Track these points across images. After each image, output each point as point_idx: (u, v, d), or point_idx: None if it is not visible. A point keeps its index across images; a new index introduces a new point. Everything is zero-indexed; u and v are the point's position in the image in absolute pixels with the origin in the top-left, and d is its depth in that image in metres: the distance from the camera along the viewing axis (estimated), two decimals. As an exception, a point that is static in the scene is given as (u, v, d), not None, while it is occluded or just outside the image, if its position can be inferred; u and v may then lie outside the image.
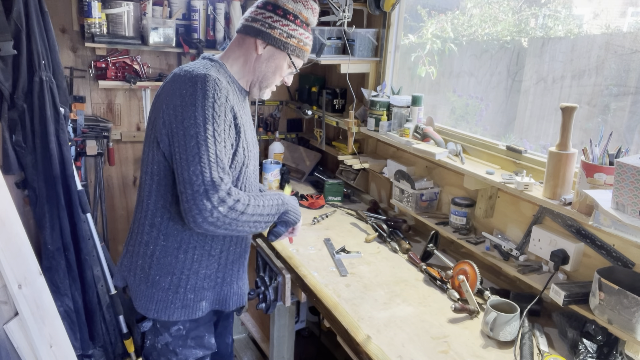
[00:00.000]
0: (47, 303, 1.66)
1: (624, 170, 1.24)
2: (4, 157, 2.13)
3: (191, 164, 1.23)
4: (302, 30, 1.44)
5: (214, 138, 1.25)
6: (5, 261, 1.46)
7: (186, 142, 1.24)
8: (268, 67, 1.45)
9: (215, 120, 1.26)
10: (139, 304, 1.45)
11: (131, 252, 1.48)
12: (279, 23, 1.39)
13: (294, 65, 1.47)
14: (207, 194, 1.22)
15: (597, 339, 1.41)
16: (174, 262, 1.41)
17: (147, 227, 1.41)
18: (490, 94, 2.35)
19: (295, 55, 1.45)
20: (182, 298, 1.43)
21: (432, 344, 1.46)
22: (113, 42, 2.50)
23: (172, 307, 1.43)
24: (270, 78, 1.47)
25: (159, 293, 1.42)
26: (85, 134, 2.59)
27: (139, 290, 1.45)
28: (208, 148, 1.23)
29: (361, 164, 2.53)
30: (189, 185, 1.23)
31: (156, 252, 1.41)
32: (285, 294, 1.90)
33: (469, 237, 1.96)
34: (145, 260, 1.43)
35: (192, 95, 1.25)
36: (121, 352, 2.57)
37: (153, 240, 1.41)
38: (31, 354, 1.55)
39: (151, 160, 1.36)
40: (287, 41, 1.41)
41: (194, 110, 1.24)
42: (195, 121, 1.24)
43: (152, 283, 1.42)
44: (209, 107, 1.25)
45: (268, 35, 1.40)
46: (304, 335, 2.82)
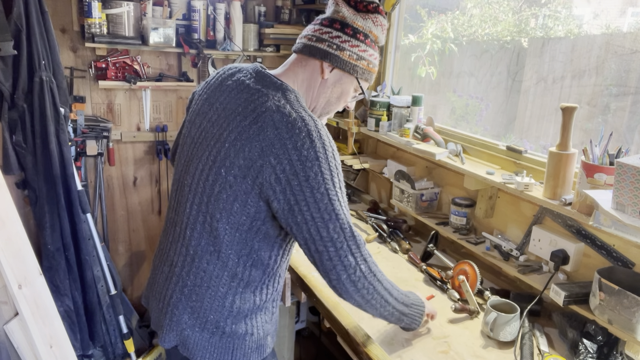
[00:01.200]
0: (47, 303, 1.66)
1: (624, 171, 1.24)
2: (4, 157, 2.13)
3: (329, 222, 1.13)
4: (372, 51, 1.28)
5: (341, 190, 1.16)
6: (5, 261, 1.46)
7: (316, 200, 1.12)
8: (333, 93, 1.30)
9: (338, 170, 1.16)
10: (210, 357, 1.29)
11: (197, 308, 1.27)
12: (348, 44, 1.24)
13: (361, 89, 1.31)
14: (351, 249, 1.16)
15: (597, 339, 1.41)
16: (251, 307, 1.29)
17: (225, 278, 1.24)
18: (490, 94, 2.35)
19: (363, 78, 1.30)
20: (256, 339, 1.32)
21: (432, 344, 1.46)
22: (113, 42, 2.51)
23: (249, 352, 1.31)
24: (334, 104, 1.33)
25: (235, 341, 1.29)
26: (85, 134, 2.59)
27: (209, 344, 1.28)
28: (340, 203, 1.15)
29: (361, 164, 2.53)
30: (330, 243, 1.14)
31: (235, 302, 1.26)
32: (285, 294, 1.90)
33: (469, 237, 1.96)
34: (221, 314, 1.27)
35: (311, 149, 1.11)
36: (121, 352, 2.57)
37: (232, 291, 1.26)
38: (31, 354, 1.56)
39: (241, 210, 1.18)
40: (356, 64, 1.26)
41: (318, 165, 1.12)
42: (323, 177, 1.12)
43: (228, 334, 1.28)
44: (331, 158, 1.14)
45: (336, 58, 1.24)
46: (304, 335, 2.82)
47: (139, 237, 3.01)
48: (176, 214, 1.32)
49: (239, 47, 2.81)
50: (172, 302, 1.30)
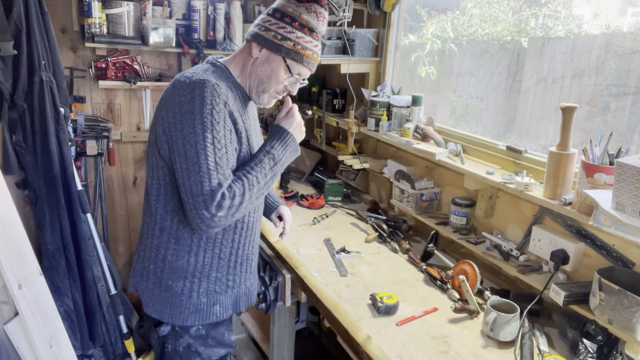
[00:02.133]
0: (47, 303, 1.66)
1: (624, 170, 1.24)
2: (4, 157, 2.13)
3: (192, 173, 1.24)
4: (301, 34, 1.36)
5: (213, 145, 1.25)
6: (5, 261, 1.46)
7: (186, 151, 1.24)
8: (263, 71, 1.40)
9: (214, 127, 1.25)
10: (153, 308, 1.44)
11: (142, 257, 1.47)
12: (275, 26, 1.36)
13: (290, 71, 1.39)
14: (205, 205, 1.23)
15: (597, 339, 1.41)
16: (186, 265, 1.41)
17: (157, 231, 1.41)
18: (490, 94, 2.35)
19: (290, 58, 1.37)
20: (195, 302, 1.43)
21: (432, 344, 1.46)
22: (113, 42, 2.50)
23: (186, 312, 1.42)
24: (265, 82, 1.41)
25: (172, 297, 1.42)
26: (85, 134, 2.59)
27: (152, 294, 1.44)
28: (207, 156, 1.23)
29: (361, 164, 2.53)
30: (190, 195, 1.24)
31: (167, 255, 1.40)
32: (286, 294, 1.90)
33: (469, 237, 1.96)
34: (157, 265, 1.42)
35: (190, 102, 1.24)
36: (121, 352, 2.57)
37: (164, 245, 1.40)
38: (31, 354, 1.56)
39: (155, 166, 1.36)
40: (280, 43, 1.35)
41: (192, 118, 1.24)
42: (194, 130, 1.23)
43: (165, 287, 1.42)
44: (207, 114, 1.24)
45: (261, 38, 1.36)
46: (304, 335, 2.82)
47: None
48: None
49: (239, 46, 2.81)
50: (135, 254, 1.53)
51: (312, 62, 1.41)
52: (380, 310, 1.59)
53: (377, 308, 1.60)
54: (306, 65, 1.40)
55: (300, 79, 1.43)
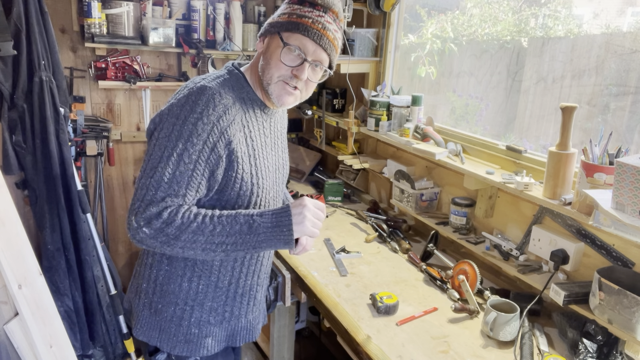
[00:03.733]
0: (47, 303, 1.66)
1: (623, 170, 1.24)
2: (4, 158, 2.13)
3: (144, 176, 1.12)
4: (297, 6, 1.19)
5: (180, 158, 1.11)
6: (5, 261, 1.46)
7: (153, 152, 1.13)
8: (265, 60, 1.22)
9: (190, 139, 1.11)
10: (141, 330, 1.33)
11: (137, 274, 1.37)
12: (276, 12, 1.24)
13: (283, 42, 1.17)
14: (137, 212, 1.10)
15: (597, 339, 1.41)
16: (178, 290, 1.29)
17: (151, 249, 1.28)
18: (490, 93, 2.35)
19: (284, 29, 1.18)
20: (185, 332, 1.31)
21: (432, 343, 1.46)
22: (113, 42, 2.50)
23: (174, 340, 1.31)
24: (266, 71, 1.21)
25: (161, 322, 1.31)
26: (85, 134, 2.59)
27: (141, 315, 1.34)
28: (167, 166, 1.10)
29: (361, 164, 2.53)
30: (134, 195, 1.13)
31: (159, 277, 1.29)
32: (285, 294, 1.90)
33: (469, 237, 1.96)
34: (149, 285, 1.32)
35: (181, 106, 1.13)
36: (121, 352, 2.57)
37: (157, 264, 1.30)
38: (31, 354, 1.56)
39: None
40: (277, 20, 1.20)
41: (174, 122, 1.12)
42: (169, 135, 1.11)
43: (155, 310, 1.31)
44: (190, 123, 1.11)
45: (264, 29, 1.24)
46: (304, 335, 2.82)
47: (139, 237, 3.01)
48: None
49: (239, 47, 2.81)
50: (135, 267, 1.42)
51: (313, 30, 1.16)
52: (380, 310, 1.59)
53: (377, 308, 1.60)
54: (305, 33, 1.16)
55: (302, 54, 1.18)
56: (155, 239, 1.10)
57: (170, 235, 1.10)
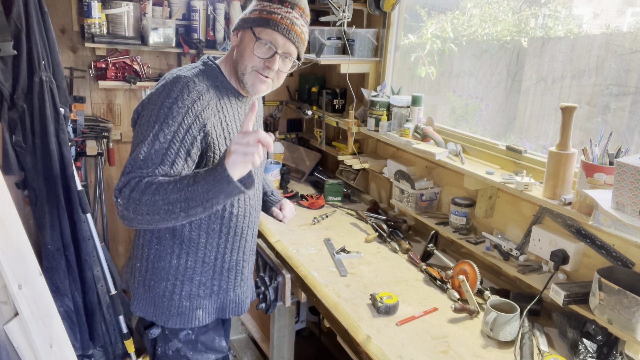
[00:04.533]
0: (47, 303, 1.66)
1: (623, 170, 1.24)
2: (4, 158, 2.13)
3: (130, 155, 1.22)
4: (267, 3, 1.30)
5: (155, 137, 1.19)
6: (5, 261, 1.46)
7: (135, 137, 1.25)
8: (238, 53, 1.33)
9: (166, 121, 1.20)
10: (138, 306, 1.45)
11: (132, 254, 1.49)
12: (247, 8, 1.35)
13: (255, 36, 1.27)
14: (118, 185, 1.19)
15: (597, 339, 1.41)
16: (168, 267, 1.40)
17: (142, 230, 1.41)
18: (490, 94, 2.35)
19: (256, 25, 1.28)
20: (177, 305, 1.41)
21: (432, 344, 1.46)
22: (113, 42, 2.51)
23: (167, 314, 1.42)
24: (239, 62, 1.31)
25: (155, 298, 1.42)
26: (85, 134, 2.59)
27: (137, 292, 1.45)
28: (144, 146, 1.19)
29: (361, 164, 2.53)
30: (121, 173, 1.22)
31: (150, 255, 1.40)
32: (285, 294, 1.90)
33: (469, 237, 1.96)
34: (142, 264, 1.43)
35: (159, 94, 1.24)
36: (121, 352, 2.57)
37: (147, 243, 1.40)
38: (31, 354, 1.55)
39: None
40: (248, 17, 1.31)
41: (152, 109, 1.23)
42: (148, 120, 1.22)
43: (148, 287, 1.42)
44: (166, 107, 1.21)
45: (237, 25, 1.35)
46: (304, 335, 2.82)
47: (139, 237, 3.01)
48: None
49: (239, 47, 2.81)
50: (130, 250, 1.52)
51: (282, 25, 1.27)
52: (380, 310, 1.59)
53: (377, 308, 1.60)
54: (275, 28, 1.27)
55: (272, 47, 1.28)
56: (126, 209, 1.15)
57: (135, 200, 1.15)
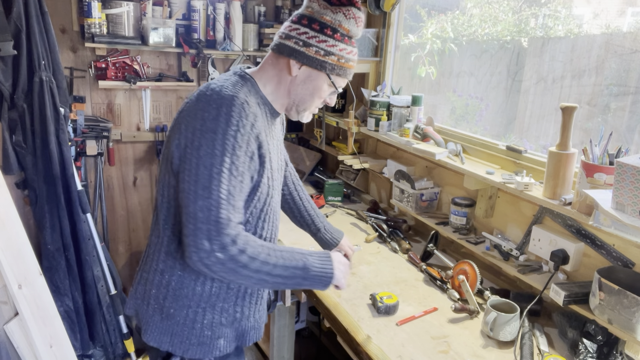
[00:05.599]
0: (47, 303, 1.66)
1: (624, 170, 1.24)
2: (4, 158, 2.13)
3: (199, 197, 1.10)
4: (344, 45, 1.25)
5: (230, 172, 1.12)
6: (5, 261, 1.46)
7: (198, 172, 1.11)
8: (305, 90, 1.28)
9: (235, 152, 1.12)
10: (152, 335, 1.32)
11: (145, 280, 1.34)
12: (315, 39, 1.22)
13: (334, 85, 1.28)
14: (209, 234, 1.09)
15: (597, 339, 1.41)
16: (191, 294, 1.28)
17: (163, 254, 1.28)
18: (490, 94, 2.35)
19: (335, 74, 1.26)
20: (198, 334, 1.30)
21: (432, 344, 1.46)
22: (113, 42, 2.51)
23: (187, 343, 1.31)
24: (307, 101, 1.30)
25: (173, 326, 1.30)
26: (85, 134, 2.59)
27: (152, 321, 1.32)
28: (221, 183, 1.10)
29: (361, 164, 2.53)
30: (192, 219, 1.10)
31: (172, 282, 1.28)
32: (285, 294, 1.90)
33: (469, 237, 1.96)
34: (160, 290, 1.30)
35: (215, 119, 1.12)
36: (121, 352, 2.57)
37: (169, 270, 1.28)
38: (31, 354, 1.56)
39: (166, 183, 1.23)
40: (324, 59, 1.23)
41: (213, 137, 1.11)
42: (212, 151, 1.10)
43: (166, 315, 1.30)
44: (231, 136, 1.11)
45: (303, 55, 1.23)
46: (304, 335, 2.82)
47: (139, 237, 3.02)
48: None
49: (239, 47, 2.81)
50: (137, 274, 1.40)
51: (352, 72, 1.32)
52: (380, 310, 1.59)
53: (377, 308, 1.60)
54: (348, 77, 1.31)
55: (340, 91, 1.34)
56: (223, 265, 1.11)
57: (240, 263, 1.12)
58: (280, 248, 1.21)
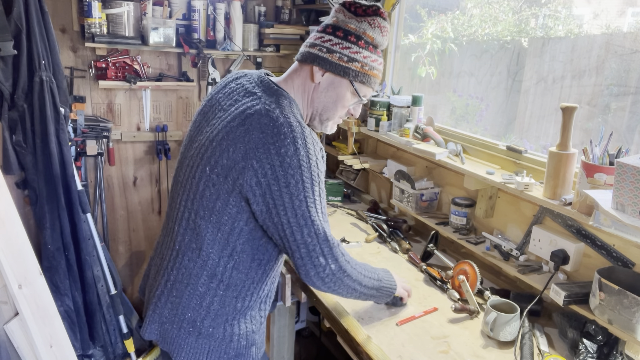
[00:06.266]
0: (47, 303, 1.66)
1: (624, 170, 1.24)
2: (4, 157, 2.13)
3: (304, 227, 1.16)
4: (367, 53, 1.26)
5: (320, 197, 1.20)
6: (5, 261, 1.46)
7: (294, 206, 1.15)
8: (328, 97, 1.29)
9: (320, 179, 1.19)
10: (186, 357, 1.29)
11: (177, 305, 1.29)
12: (339, 46, 1.23)
13: (357, 94, 1.29)
14: (323, 252, 1.20)
15: (597, 339, 1.41)
16: (232, 312, 1.29)
17: (204, 277, 1.25)
18: (490, 94, 2.35)
19: (359, 81, 1.27)
20: (236, 347, 1.31)
21: (432, 344, 1.46)
22: (113, 42, 2.51)
23: (225, 357, 1.30)
24: (330, 110, 1.31)
25: (211, 343, 1.29)
26: (86, 134, 2.59)
27: (185, 343, 1.29)
28: (317, 210, 1.18)
29: (361, 164, 2.53)
30: (303, 245, 1.18)
31: (214, 303, 1.27)
32: (285, 294, 1.90)
33: (469, 237, 1.96)
34: (198, 313, 1.28)
35: (295, 155, 1.12)
36: (121, 352, 2.57)
37: (211, 292, 1.26)
38: (31, 354, 1.56)
39: (222, 209, 1.19)
40: (347, 66, 1.24)
41: (300, 173, 1.13)
42: (303, 185, 1.14)
43: (204, 335, 1.28)
44: (314, 167, 1.16)
45: (325, 61, 1.24)
46: (304, 335, 2.82)
47: (139, 237, 3.02)
48: (171, 209, 1.36)
49: (239, 47, 2.81)
50: (156, 295, 1.33)
51: (377, 81, 1.32)
52: (389, 301, 1.60)
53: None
54: (372, 86, 1.31)
55: (365, 101, 1.34)
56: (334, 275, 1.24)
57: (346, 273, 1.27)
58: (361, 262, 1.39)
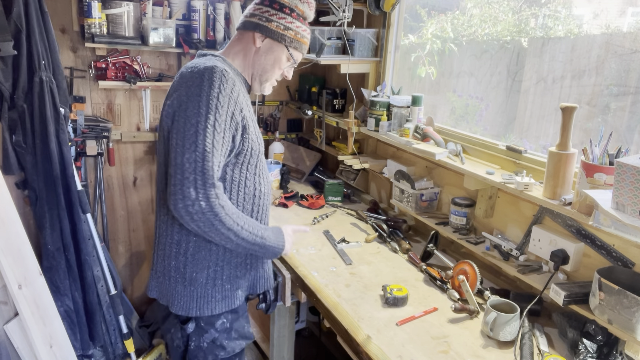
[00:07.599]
0: (47, 303, 1.66)
1: (624, 170, 1.24)
2: (4, 158, 2.13)
3: (187, 151, 1.24)
4: (299, 24, 1.49)
5: (214, 128, 1.27)
6: (5, 261, 1.47)
7: (185, 129, 1.26)
8: (267, 60, 1.49)
9: (217, 110, 1.28)
10: (178, 305, 1.44)
11: (162, 256, 1.47)
12: (276, 16, 1.45)
13: (292, 58, 1.51)
14: (195, 183, 1.24)
15: (597, 339, 1.41)
16: (208, 255, 1.42)
17: (176, 226, 1.41)
18: (490, 94, 2.35)
19: (293, 47, 1.49)
20: (220, 290, 1.45)
21: (432, 344, 1.46)
22: (113, 42, 2.50)
23: (212, 301, 1.44)
24: (269, 71, 1.51)
25: (197, 289, 1.43)
26: (85, 134, 2.59)
27: (175, 292, 1.44)
28: (206, 137, 1.25)
29: (361, 164, 2.53)
30: (179, 170, 1.25)
31: (189, 248, 1.41)
32: (285, 294, 1.90)
33: (469, 237, 1.96)
34: (179, 260, 1.43)
35: (199, 85, 1.28)
36: (121, 352, 2.57)
37: (184, 238, 1.41)
38: (31, 354, 1.56)
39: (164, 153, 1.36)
40: (284, 33, 1.46)
41: (198, 100, 1.27)
42: (198, 110, 1.26)
43: (189, 281, 1.43)
44: (214, 97, 1.27)
45: (265, 28, 1.45)
46: (304, 335, 2.82)
47: (139, 237, 3.02)
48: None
49: (239, 47, 2.81)
50: (154, 257, 1.52)
51: (306, 48, 1.55)
52: (389, 301, 1.61)
53: (385, 299, 1.62)
54: (303, 51, 1.54)
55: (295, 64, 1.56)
56: (204, 214, 1.25)
57: (218, 217, 1.28)
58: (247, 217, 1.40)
